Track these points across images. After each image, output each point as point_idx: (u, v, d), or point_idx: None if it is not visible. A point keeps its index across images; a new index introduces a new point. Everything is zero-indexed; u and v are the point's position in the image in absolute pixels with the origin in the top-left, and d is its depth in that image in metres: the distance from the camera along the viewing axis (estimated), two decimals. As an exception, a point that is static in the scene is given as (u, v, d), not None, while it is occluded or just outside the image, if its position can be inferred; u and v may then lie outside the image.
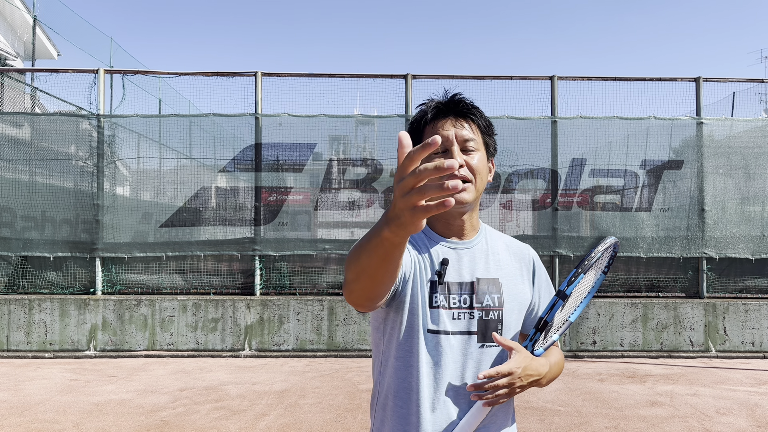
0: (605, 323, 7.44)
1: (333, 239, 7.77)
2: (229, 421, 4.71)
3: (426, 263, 1.38)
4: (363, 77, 7.78)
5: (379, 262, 1.09)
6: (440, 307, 1.35)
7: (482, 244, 1.46)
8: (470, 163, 1.37)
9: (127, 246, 7.61)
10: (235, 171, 7.92)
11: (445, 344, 1.35)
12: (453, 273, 1.39)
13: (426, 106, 1.44)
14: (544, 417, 4.85)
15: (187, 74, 7.82)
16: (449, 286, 1.37)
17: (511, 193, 7.99)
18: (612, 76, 7.92)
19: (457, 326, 1.36)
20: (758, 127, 7.95)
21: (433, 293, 1.36)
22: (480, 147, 1.41)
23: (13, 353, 7.21)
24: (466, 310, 1.37)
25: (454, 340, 1.35)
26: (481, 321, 1.37)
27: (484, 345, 1.37)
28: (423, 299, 1.35)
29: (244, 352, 7.28)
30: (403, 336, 1.37)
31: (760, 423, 4.71)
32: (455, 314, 1.36)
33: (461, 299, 1.37)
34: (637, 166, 7.96)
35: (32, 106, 10.24)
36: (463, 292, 1.37)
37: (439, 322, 1.35)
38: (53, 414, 4.87)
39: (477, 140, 1.40)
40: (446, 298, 1.36)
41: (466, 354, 1.36)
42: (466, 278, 1.39)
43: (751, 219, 7.77)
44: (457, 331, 1.36)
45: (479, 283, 1.39)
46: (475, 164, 1.37)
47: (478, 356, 1.37)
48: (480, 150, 1.41)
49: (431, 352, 1.35)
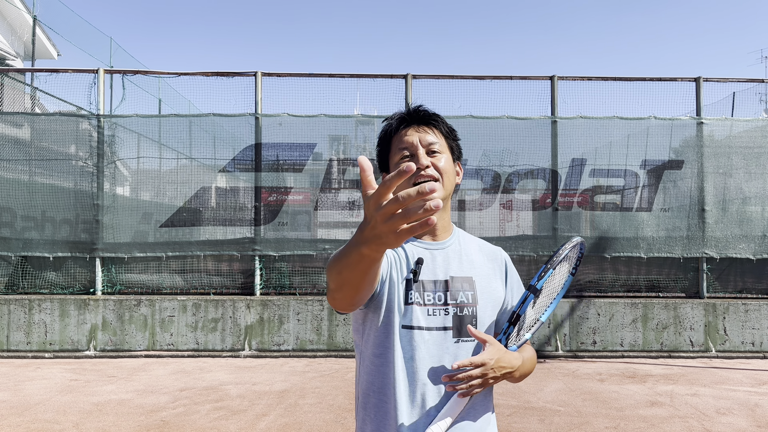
0: (605, 323, 7.44)
1: (333, 239, 7.77)
2: (229, 421, 4.71)
3: (402, 263, 1.45)
4: (363, 77, 7.78)
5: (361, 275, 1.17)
6: (414, 303, 1.42)
7: (455, 245, 1.54)
8: (437, 164, 1.46)
9: (127, 246, 7.61)
10: (235, 171, 7.92)
11: (419, 339, 1.41)
12: (427, 272, 1.46)
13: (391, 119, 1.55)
14: (544, 417, 4.84)
15: (187, 74, 7.81)
16: (424, 284, 1.44)
17: (511, 193, 7.98)
18: (612, 76, 7.91)
19: (433, 322, 1.43)
20: (758, 127, 7.94)
21: (408, 291, 1.43)
22: (445, 150, 1.50)
23: (13, 353, 7.21)
24: (441, 307, 1.44)
25: (429, 335, 1.42)
26: (456, 317, 1.44)
27: (459, 339, 1.43)
28: (398, 297, 1.42)
29: (244, 352, 7.27)
30: (380, 334, 1.44)
31: (760, 423, 4.71)
32: (430, 311, 1.43)
33: (436, 296, 1.45)
34: (637, 166, 7.96)
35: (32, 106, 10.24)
36: (437, 289, 1.45)
37: (413, 318, 1.41)
38: (53, 414, 4.87)
39: (441, 143, 1.50)
40: (421, 295, 1.43)
41: (442, 348, 1.42)
42: (441, 276, 1.46)
43: (752, 219, 7.77)
44: (432, 327, 1.43)
45: (453, 281, 1.47)
46: (442, 165, 1.46)
47: (455, 350, 1.43)
48: (445, 153, 1.50)
49: (406, 348, 1.41)
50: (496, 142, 7.83)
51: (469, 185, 8.06)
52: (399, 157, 1.47)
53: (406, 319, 1.42)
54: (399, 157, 1.47)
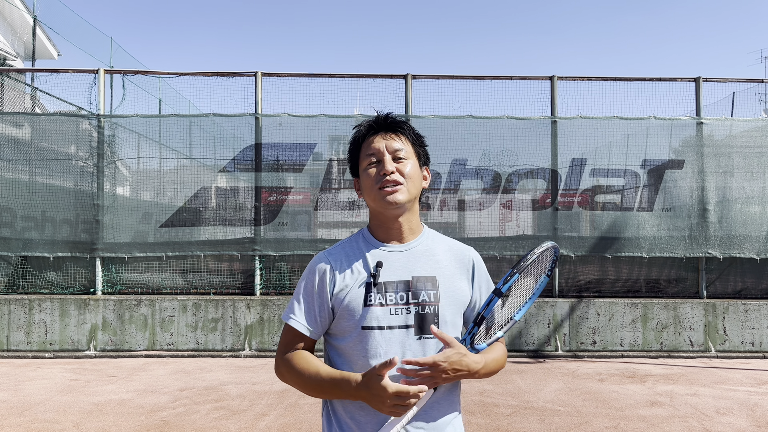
0: (605, 323, 7.44)
1: (333, 239, 7.77)
2: (229, 421, 4.71)
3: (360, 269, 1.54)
4: (363, 77, 7.78)
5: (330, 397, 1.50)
6: (374, 305, 1.49)
7: (422, 246, 1.59)
8: (402, 170, 1.53)
9: (128, 246, 7.61)
10: (235, 171, 7.92)
11: (380, 338, 1.48)
12: (388, 273, 1.53)
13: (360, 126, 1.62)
14: (544, 417, 4.85)
15: (187, 74, 7.82)
16: (385, 285, 1.51)
17: (511, 193, 7.99)
18: (612, 76, 7.92)
19: (395, 321, 1.49)
20: (758, 127, 7.95)
21: (368, 293, 1.51)
22: (411, 156, 1.57)
23: (13, 353, 7.22)
24: (403, 306, 1.50)
25: (391, 333, 1.48)
26: (418, 315, 1.50)
27: (422, 337, 1.49)
28: (357, 301, 1.50)
29: (244, 352, 7.28)
30: (340, 337, 1.54)
31: (760, 423, 4.71)
32: (392, 310, 1.50)
33: (398, 296, 1.51)
34: (637, 165, 7.96)
35: (32, 106, 10.24)
36: (399, 289, 1.51)
37: (372, 318, 1.48)
38: (53, 414, 4.88)
39: (407, 150, 1.56)
40: (383, 296, 1.50)
41: (404, 346, 1.48)
42: (403, 277, 1.53)
43: (755, 219, 7.76)
44: (394, 325, 1.49)
45: (416, 281, 1.53)
46: (407, 171, 1.53)
47: (417, 347, 1.49)
48: (411, 158, 1.56)
49: (366, 347, 1.48)
50: (496, 142, 7.83)
51: (469, 185, 8.07)
52: (367, 162, 1.55)
53: (364, 320, 1.48)
54: (367, 162, 1.55)
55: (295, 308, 1.56)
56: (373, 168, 1.54)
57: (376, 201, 1.53)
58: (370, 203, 1.57)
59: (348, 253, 1.58)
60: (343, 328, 1.52)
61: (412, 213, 1.58)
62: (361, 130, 1.61)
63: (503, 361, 1.64)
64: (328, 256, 1.58)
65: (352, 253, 1.58)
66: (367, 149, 1.56)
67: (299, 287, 1.58)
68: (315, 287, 1.54)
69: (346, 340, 1.51)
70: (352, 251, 1.58)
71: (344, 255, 1.58)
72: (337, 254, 1.58)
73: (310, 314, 1.54)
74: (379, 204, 1.52)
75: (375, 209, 1.57)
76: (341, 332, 1.52)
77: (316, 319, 1.54)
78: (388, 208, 1.51)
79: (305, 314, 1.54)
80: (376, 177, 1.53)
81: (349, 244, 1.61)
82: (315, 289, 1.54)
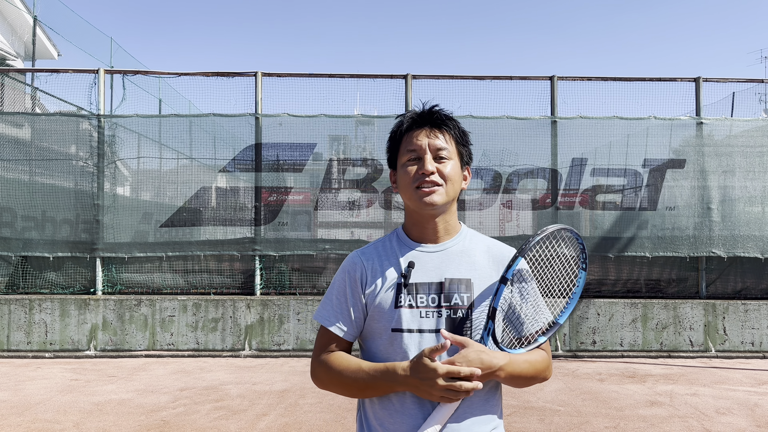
0: (605, 323, 7.44)
1: (333, 239, 7.78)
2: (229, 421, 4.72)
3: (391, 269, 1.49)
4: (363, 77, 7.78)
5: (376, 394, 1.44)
6: (404, 306, 1.44)
7: (458, 246, 1.53)
8: (442, 170, 1.47)
9: (128, 246, 7.62)
10: (235, 171, 7.92)
11: (408, 342, 1.42)
12: (420, 274, 1.47)
13: (404, 117, 1.54)
14: (544, 417, 4.85)
15: (187, 74, 7.82)
16: (416, 286, 1.46)
17: (511, 193, 7.99)
18: (612, 76, 7.92)
19: (426, 324, 1.44)
20: (758, 127, 7.94)
21: (398, 294, 1.45)
22: (453, 156, 1.50)
23: (13, 353, 7.22)
24: (434, 309, 1.44)
25: (421, 337, 1.43)
26: (449, 319, 1.43)
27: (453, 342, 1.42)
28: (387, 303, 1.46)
29: (244, 352, 7.28)
30: (371, 339, 1.50)
31: (760, 423, 4.71)
32: (423, 312, 1.44)
33: (429, 298, 1.45)
34: (638, 165, 7.96)
35: (32, 106, 10.24)
36: (430, 291, 1.45)
37: (402, 321, 1.43)
38: (53, 414, 4.88)
39: (450, 149, 1.49)
40: (413, 297, 1.45)
41: None
42: (434, 279, 1.46)
43: (758, 218, 7.75)
44: (425, 329, 1.43)
45: (449, 283, 1.46)
46: (447, 171, 1.47)
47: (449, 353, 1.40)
48: (453, 159, 1.50)
49: (397, 350, 1.43)
50: (496, 142, 7.83)
51: (469, 185, 8.05)
52: (407, 158, 1.49)
53: (395, 323, 1.44)
54: (407, 158, 1.49)
55: (329, 309, 1.53)
56: (412, 165, 1.48)
57: (412, 200, 1.48)
58: (406, 201, 1.52)
59: (381, 252, 1.54)
60: (374, 330, 1.48)
61: (449, 213, 1.53)
62: (403, 121, 1.54)
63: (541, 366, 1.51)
64: (360, 255, 1.55)
65: (384, 252, 1.54)
66: (408, 144, 1.49)
67: (332, 287, 1.55)
68: (348, 287, 1.51)
69: (377, 342, 1.47)
70: (385, 250, 1.54)
71: (377, 254, 1.54)
72: (369, 253, 1.55)
73: (343, 315, 1.50)
74: (415, 204, 1.47)
75: (410, 207, 1.52)
76: (372, 334, 1.49)
77: (350, 319, 1.50)
78: (424, 209, 1.47)
79: (339, 315, 1.51)
80: (414, 175, 1.47)
81: (383, 243, 1.57)
82: (348, 290, 1.51)
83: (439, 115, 1.50)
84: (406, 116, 1.54)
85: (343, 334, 1.50)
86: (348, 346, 1.53)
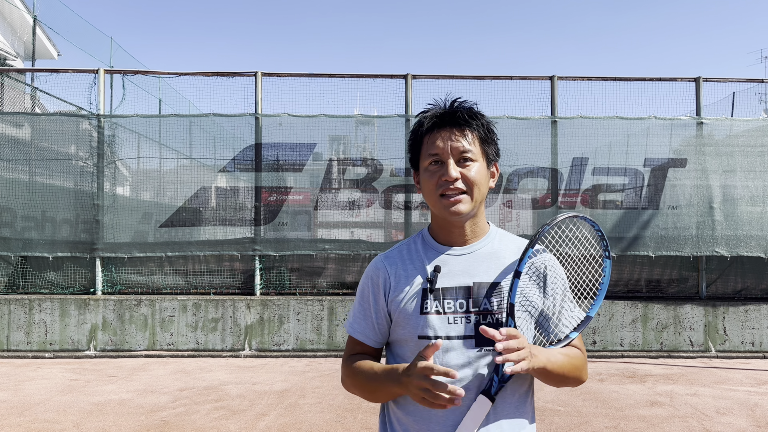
0: (605, 323, 7.44)
1: (333, 239, 7.77)
2: (229, 421, 4.71)
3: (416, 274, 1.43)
4: (363, 77, 7.78)
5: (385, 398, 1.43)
6: (430, 313, 1.38)
7: (486, 248, 1.45)
8: (467, 175, 1.37)
9: (127, 246, 7.61)
10: (235, 171, 7.92)
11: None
12: (448, 278, 1.40)
13: (425, 116, 1.44)
14: (544, 417, 4.85)
15: (187, 74, 7.82)
16: (443, 291, 1.39)
17: (512, 192, 7.99)
18: (612, 76, 7.91)
19: (454, 330, 1.37)
20: (759, 127, 7.94)
21: (424, 300, 1.39)
22: (478, 157, 1.40)
23: (13, 353, 7.21)
24: (463, 315, 1.38)
25: (449, 344, 1.36)
26: (479, 325, 1.35)
27: (482, 349, 1.35)
28: (413, 309, 1.40)
29: (244, 352, 7.28)
30: (399, 346, 1.45)
31: (760, 423, 4.71)
32: (450, 318, 1.38)
33: (457, 304, 1.38)
34: (639, 165, 7.95)
35: (32, 106, 10.24)
36: (458, 296, 1.39)
37: (429, 328, 1.37)
38: (53, 414, 4.88)
39: (475, 151, 1.39)
40: (440, 303, 1.38)
41: (464, 358, 1.36)
42: (463, 283, 1.40)
43: (760, 218, 7.75)
44: (453, 335, 1.36)
45: (478, 287, 1.39)
46: (472, 176, 1.38)
47: (476, 361, 1.35)
48: (478, 160, 1.40)
49: None
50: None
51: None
52: (429, 162, 1.40)
53: (421, 330, 1.38)
54: (429, 162, 1.40)
55: (354, 316, 1.50)
56: (435, 170, 1.39)
57: (437, 207, 1.40)
58: (431, 206, 1.44)
59: (405, 256, 1.48)
60: (400, 337, 1.43)
61: (477, 216, 1.45)
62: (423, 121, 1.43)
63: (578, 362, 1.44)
64: (384, 260, 1.49)
65: (409, 256, 1.47)
66: (430, 146, 1.39)
67: (358, 293, 1.52)
68: (371, 294, 1.46)
69: (404, 349, 1.42)
70: (410, 254, 1.48)
71: (401, 259, 1.48)
72: (393, 258, 1.48)
73: (367, 321, 1.47)
74: (440, 212, 1.40)
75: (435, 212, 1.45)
76: (399, 341, 1.44)
77: (374, 326, 1.46)
78: (450, 217, 1.39)
79: (363, 322, 1.48)
80: (438, 181, 1.38)
81: (407, 247, 1.50)
82: (371, 296, 1.46)
83: (462, 114, 1.40)
84: (427, 114, 1.44)
85: (366, 340, 1.47)
86: (375, 352, 1.50)
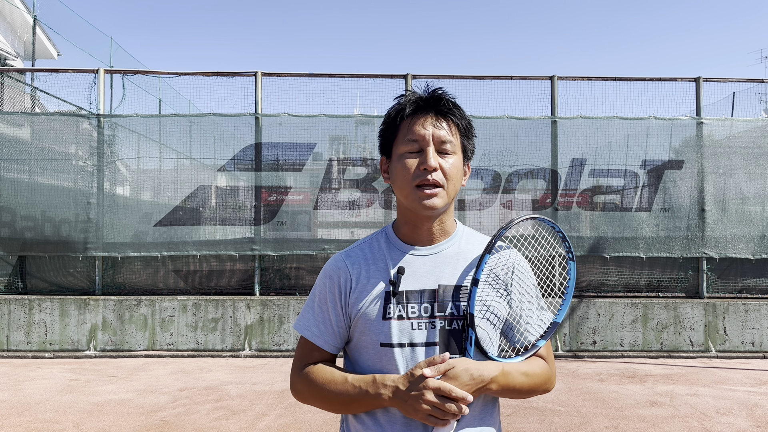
0: (605, 323, 7.44)
1: (333, 239, 7.77)
2: (229, 421, 4.71)
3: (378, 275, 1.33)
4: (363, 77, 7.78)
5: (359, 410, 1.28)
6: (392, 318, 1.28)
7: (453, 248, 1.37)
8: (444, 167, 1.29)
9: (128, 246, 7.61)
10: (234, 171, 7.91)
11: (398, 357, 1.27)
12: (411, 281, 1.31)
13: (405, 99, 1.34)
14: (544, 417, 4.85)
15: (187, 74, 7.81)
16: (407, 295, 1.29)
17: (511, 193, 7.99)
18: (612, 76, 7.91)
19: (417, 337, 1.27)
20: (758, 127, 7.94)
21: (386, 305, 1.29)
22: (457, 150, 1.33)
23: (13, 353, 7.21)
24: (427, 320, 1.28)
25: (412, 352, 1.27)
26: (444, 331, 1.28)
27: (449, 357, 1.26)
28: (374, 314, 1.30)
29: (244, 352, 7.27)
30: (359, 352, 1.34)
31: (760, 423, 4.71)
32: (414, 324, 1.28)
33: (421, 308, 1.29)
34: (637, 166, 7.96)
35: (32, 106, 10.24)
36: (423, 300, 1.29)
37: (392, 334, 1.28)
38: (53, 414, 4.87)
39: (454, 143, 1.32)
40: (403, 307, 1.29)
41: None
42: (428, 285, 1.31)
43: (751, 219, 7.76)
44: (417, 343, 1.27)
45: (443, 290, 1.30)
46: (448, 169, 1.29)
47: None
48: (456, 153, 1.32)
49: (386, 366, 1.28)
50: (496, 142, 7.83)
51: (469, 185, 8.07)
52: (406, 149, 1.30)
53: (383, 336, 1.28)
54: (406, 149, 1.30)
55: (309, 318, 1.37)
56: (412, 158, 1.29)
57: (409, 199, 1.30)
58: (401, 198, 1.33)
59: (368, 255, 1.37)
60: (360, 343, 1.32)
61: (446, 213, 1.36)
62: (404, 105, 1.32)
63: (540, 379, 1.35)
64: (345, 259, 1.37)
65: (372, 256, 1.37)
66: (409, 132, 1.30)
67: (313, 293, 1.39)
68: (329, 294, 1.34)
69: (365, 356, 1.31)
70: (372, 254, 1.37)
71: (363, 258, 1.37)
72: (355, 256, 1.37)
73: (326, 325, 1.34)
74: (413, 204, 1.30)
75: (404, 205, 1.34)
76: (359, 347, 1.32)
77: (333, 331, 1.34)
78: (422, 211, 1.29)
79: (322, 325, 1.35)
80: (415, 171, 1.28)
81: (369, 245, 1.39)
82: (329, 297, 1.34)
83: (446, 101, 1.32)
84: (407, 98, 1.33)
85: (326, 346, 1.34)
86: (331, 358, 1.37)
